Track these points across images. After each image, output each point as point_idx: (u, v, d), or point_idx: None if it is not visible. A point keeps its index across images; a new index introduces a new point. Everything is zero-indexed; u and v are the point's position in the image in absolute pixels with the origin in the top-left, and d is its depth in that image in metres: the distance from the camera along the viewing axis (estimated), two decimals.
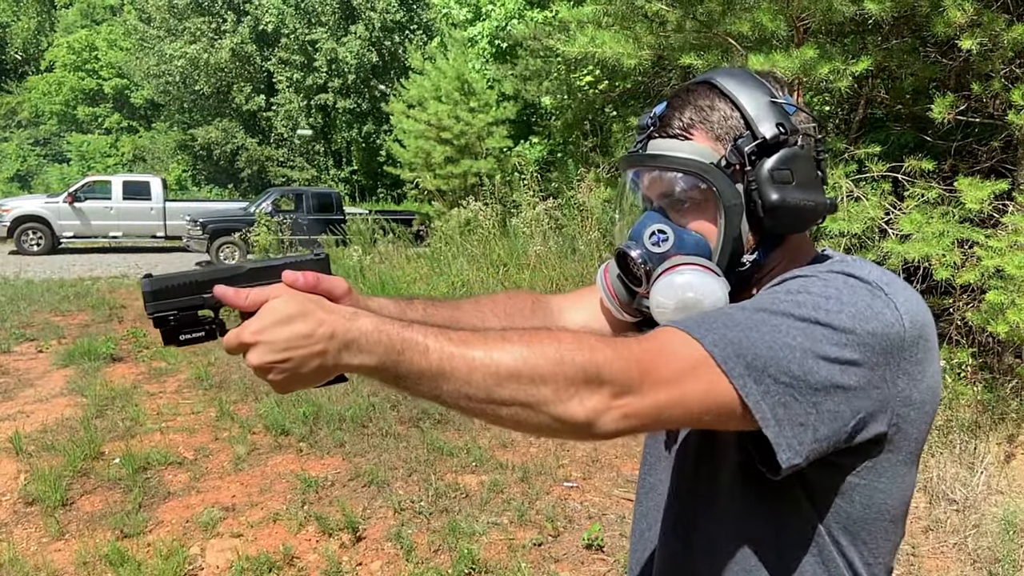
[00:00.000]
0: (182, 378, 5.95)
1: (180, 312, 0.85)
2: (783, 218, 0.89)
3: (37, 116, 32.79)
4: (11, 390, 5.52)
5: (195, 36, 27.33)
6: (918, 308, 0.83)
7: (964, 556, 3.26)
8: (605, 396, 0.75)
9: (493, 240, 8.66)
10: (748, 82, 0.92)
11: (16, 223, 15.08)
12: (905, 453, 0.85)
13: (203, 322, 0.86)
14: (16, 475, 4.02)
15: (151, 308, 0.84)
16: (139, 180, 16.52)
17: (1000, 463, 3.99)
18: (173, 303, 0.85)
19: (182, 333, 0.86)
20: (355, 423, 4.73)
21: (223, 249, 13.79)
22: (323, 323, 0.75)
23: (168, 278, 0.85)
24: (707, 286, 0.88)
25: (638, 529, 1.11)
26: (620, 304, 1.05)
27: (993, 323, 3.84)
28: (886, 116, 5.87)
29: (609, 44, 5.47)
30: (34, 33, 35.89)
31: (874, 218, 4.38)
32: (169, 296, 0.84)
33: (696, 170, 0.89)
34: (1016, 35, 4.05)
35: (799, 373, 0.76)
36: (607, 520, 3.56)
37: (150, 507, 3.69)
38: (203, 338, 0.87)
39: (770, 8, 4.65)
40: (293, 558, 3.21)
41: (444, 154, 12.77)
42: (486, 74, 14.05)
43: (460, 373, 0.74)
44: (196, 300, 0.85)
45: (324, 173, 29.60)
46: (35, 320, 7.98)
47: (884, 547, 0.89)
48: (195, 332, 0.86)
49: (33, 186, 29.64)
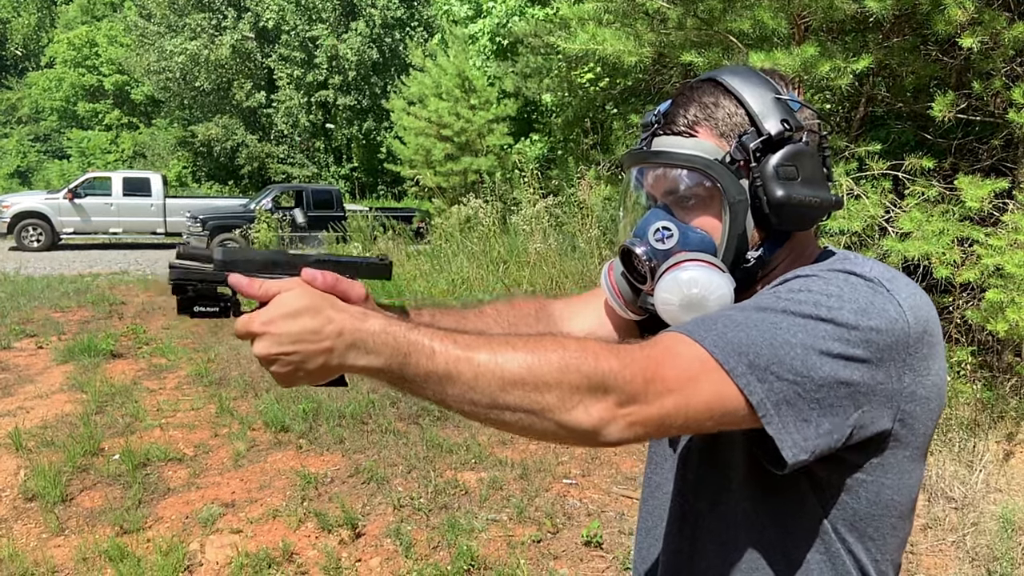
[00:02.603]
0: (182, 374, 5.95)
1: (201, 284, 0.85)
2: (788, 214, 0.88)
3: (37, 112, 32.78)
4: (11, 386, 5.52)
5: (195, 32, 27.31)
6: (922, 304, 0.83)
7: (963, 554, 3.26)
8: (610, 404, 0.75)
9: (493, 237, 8.66)
10: (753, 79, 0.92)
11: (16, 219, 15.08)
12: (912, 449, 0.85)
13: (221, 299, 0.86)
14: (16, 471, 4.03)
15: (180, 273, 0.84)
16: (139, 176, 16.49)
17: (999, 461, 3.99)
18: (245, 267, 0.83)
19: (197, 304, 0.86)
20: (355, 420, 4.74)
21: (226, 244, 13.79)
22: (332, 321, 0.76)
23: (243, 251, 0.84)
24: (712, 282, 0.88)
25: (644, 527, 1.11)
26: (624, 302, 1.04)
27: (992, 321, 3.84)
28: (887, 114, 5.87)
29: (610, 41, 5.46)
30: (34, 29, 35.88)
31: (874, 216, 4.38)
32: (238, 269, 0.83)
33: (701, 166, 0.89)
34: (1017, 33, 4.04)
35: (802, 370, 0.76)
36: (606, 517, 3.57)
37: (150, 503, 3.69)
38: (216, 314, 0.86)
39: (771, 6, 4.65)
40: (292, 554, 3.21)
41: (444, 151, 12.78)
42: (487, 71, 14.05)
43: (465, 377, 0.74)
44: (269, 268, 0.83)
45: (324, 170, 29.59)
46: (35, 316, 7.98)
47: (891, 543, 0.89)
48: (210, 307, 0.86)
49: (33, 182, 29.67)
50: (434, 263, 8.85)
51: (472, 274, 8.11)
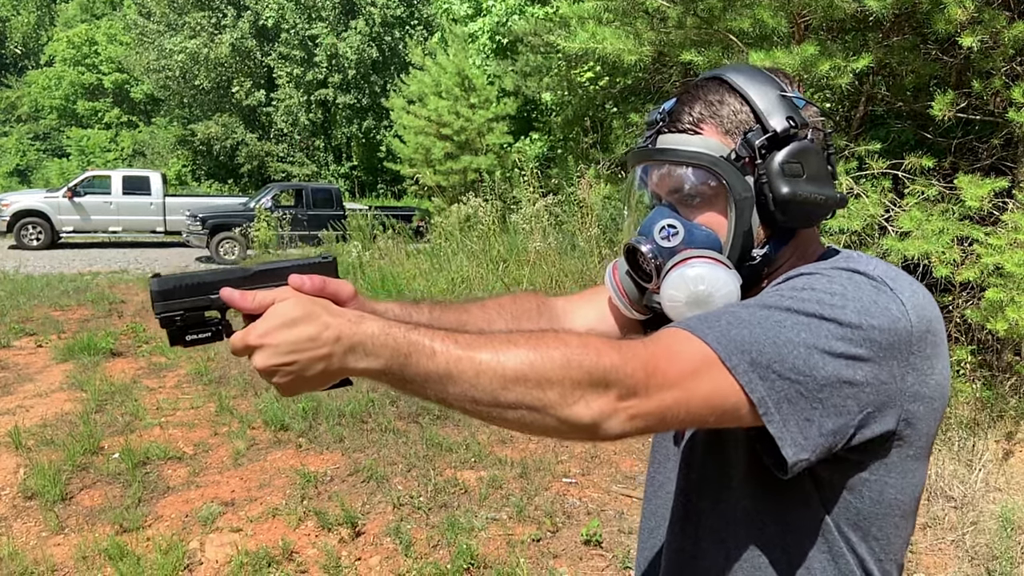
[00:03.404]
0: (181, 373, 5.95)
1: (187, 312, 0.85)
2: (794, 211, 0.88)
3: (37, 111, 32.73)
4: (10, 385, 5.52)
5: (195, 31, 27.28)
6: (925, 303, 0.83)
7: (962, 553, 3.26)
8: (611, 398, 0.75)
9: (493, 236, 8.66)
10: (757, 77, 0.92)
11: (16, 218, 15.06)
12: (915, 448, 0.85)
13: (210, 323, 0.86)
14: (15, 469, 4.03)
15: (159, 308, 0.84)
16: (139, 175, 16.45)
17: (998, 460, 3.99)
18: (180, 303, 0.84)
19: (188, 333, 0.86)
20: (354, 419, 4.74)
21: (223, 245, 13.77)
22: (329, 326, 0.75)
23: (176, 278, 0.84)
24: (719, 278, 0.88)
25: (646, 527, 1.10)
26: (629, 301, 1.04)
27: (992, 320, 3.84)
28: (886, 113, 5.87)
29: (610, 40, 5.46)
30: (34, 28, 35.84)
31: (874, 215, 4.38)
32: (177, 296, 0.84)
33: (706, 163, 0.89)
34: (1017, 33, 4.04)
35: (804, 368, 0.76)
36: (606, 516, 3.57)
37: (149, 502, 3.69)
38: (209, 339, 0.86)
39: (771, 5, 4.65)
40: (292, 553, 3.21)
41: (444, 150, 12.78)
42: (486, 70, 14.06)
43: (466, 376, 0.74)
44: (203, 301, 0.84)
45: (324, 169, 29.58)
46: (35, 315, 7.97)
47: (895, 543, 0.89)
48: (201, 333, 0.86)
49: (33, 181, 29.63)
50: (434, 262, 8.85)
51: (472, 273, 8.11)
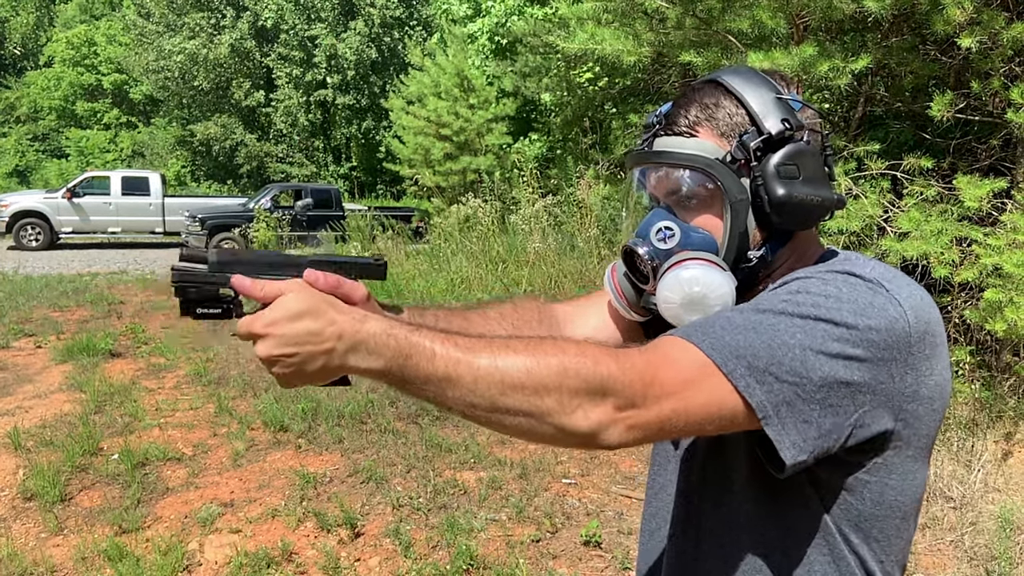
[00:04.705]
0: (181, 374, 5.95)
1: (203, 285, 0.85)
2: (790, 213, 0.88)
3: (36, 111, 32.70)
4: (10, 386, 5.52)
5: (194, 32, 27.27)
6: (923, 304, 0.83)
7: (961, 553, 3.27)
8: (609, 408, 0.75)
9: (492, 237, 8.66)
10: (754, 79, 0.92)
11: (15, 218, 15.06)
12: (915, 449, 0.85)
13: (223, 300, 0.87)
14: (15, 470, 4.03)
15: (183, 275, 0.85)
16: (138, 176, 16.46)
17: (997, 461, 4.00)
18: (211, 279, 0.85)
19: (200, 306, 0.86)
20: (354, 419, 4.74)
21: (221, 245, 13.77)
22: (333, 323, 0.76)
23: (237, 253, 0.85)
24: (713, 280, 0.88)
25: (647, 529, 1.11)
26: (628, 303, 1.05)
27: (991, 321, 3.84)
28: (885, 114, 5.87)
29: (609, 41, 5.46)
30: (33, 28, 35.80)
31: (873, 216, 4.38)
32: (233, 270, 0.84)
33: (702, 165, 0.89)
34: (1015, 33, 4.04)
35: (801, 370, 0.76)
36: (605, 517, 3.57)
37: (148, 503, 3.69)
38: (219, 315, 0.87)
39: (770, 5, 4.65)
40: (291, 554, 3.21)
41: (443, 151, 12.78)
42: (486, 71, 14.06)
43: (465, 380, 0.75)
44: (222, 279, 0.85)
45: (323, 169, 29.56)
46: (34, 316, 7.97)
47: (896, 544, 0.89)
48: (212, 308, 0.86)
49: (32, 181, 29.59)
50: (433, 262, 8.85)
51: (471, 273, 8.11)
